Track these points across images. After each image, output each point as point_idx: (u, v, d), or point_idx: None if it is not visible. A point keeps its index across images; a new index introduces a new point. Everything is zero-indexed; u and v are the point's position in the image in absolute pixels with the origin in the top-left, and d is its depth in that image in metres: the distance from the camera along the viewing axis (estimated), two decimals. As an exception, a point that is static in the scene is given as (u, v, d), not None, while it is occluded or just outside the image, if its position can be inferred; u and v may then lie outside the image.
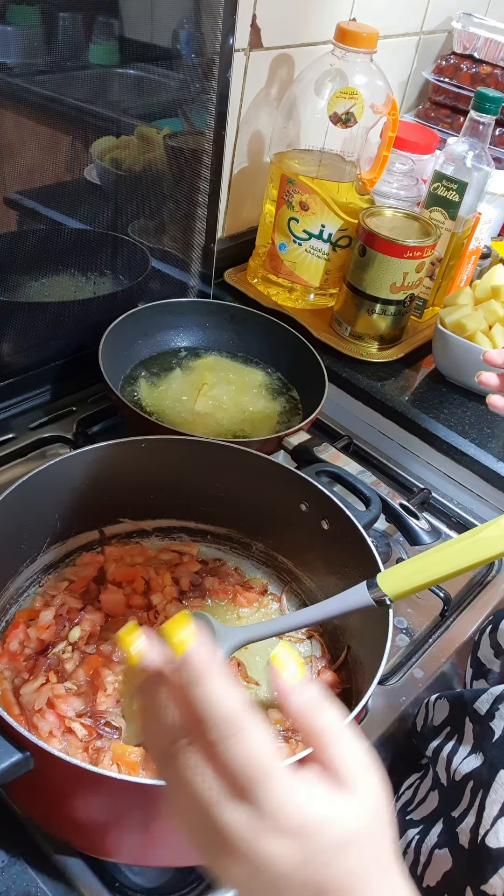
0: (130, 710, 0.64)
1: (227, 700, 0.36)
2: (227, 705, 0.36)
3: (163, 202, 1.06)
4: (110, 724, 0.64)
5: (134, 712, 0.63)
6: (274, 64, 1.15)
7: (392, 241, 1.05)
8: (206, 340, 1.10)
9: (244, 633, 0.60)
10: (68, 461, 0.72)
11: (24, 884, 0.59)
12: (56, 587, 0.75)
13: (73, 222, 0.97)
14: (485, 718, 0.61)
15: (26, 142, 0.86)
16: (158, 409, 0.97)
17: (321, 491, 0.73)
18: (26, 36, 0.78)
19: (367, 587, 0.55)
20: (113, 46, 0.87)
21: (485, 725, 0.61)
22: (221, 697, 0.36)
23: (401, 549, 0.93)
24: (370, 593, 0.54)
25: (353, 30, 1.02)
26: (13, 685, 0.66)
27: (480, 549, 0.52)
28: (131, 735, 0.63)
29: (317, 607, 0.59)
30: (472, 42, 1.45)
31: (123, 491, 0.78)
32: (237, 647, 0.60)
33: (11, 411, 0.96)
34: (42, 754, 0.49)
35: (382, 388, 1.10)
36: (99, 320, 0.97)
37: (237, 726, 0.36)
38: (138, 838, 0.55)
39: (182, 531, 0.84)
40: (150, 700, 0.39)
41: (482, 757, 0.59)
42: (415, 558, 0.54)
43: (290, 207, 1.13)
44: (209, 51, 0.95)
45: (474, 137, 1.10)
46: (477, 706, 0.62)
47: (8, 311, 0.93)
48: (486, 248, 1.32)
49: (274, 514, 0.78)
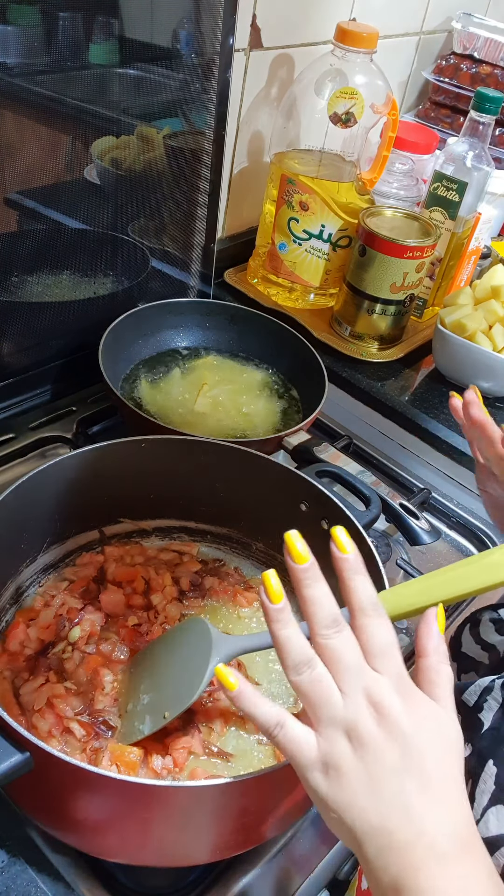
0: (126, 710, 0.65)
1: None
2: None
3: (163, 202, 1.06)
4: (107, 723, 0.64)
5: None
6: (274, 64, 1.15)
7: (392, 241, 1.05)
8: (206, 340, 1.10)
9: (241, 643, 0.60)
10: (68, 461, 0.72)
11: (24, 884, 0.59)
12: (56, 587, 0.75)
13: (73, 222, 0.97)
14: (473, 710, 0.61)
15: (26, 142, 0.86)
16: (158, 409, 0.97)
17: (321, 491, 0.73)
18: (26, 36, 0.78)
19: None
20: (113, 46, 0.87)
21: (473, 717, 0.61)
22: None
23: (401, 549, 0.93)
24: None
25: (353, 30, 1.02)
26: (13, 685, 0.66)
27: (485, 575, 0.52)
28: (126, 734, 0.63)
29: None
30: (472, 42, 1.45)
31: (123, 491, 0.78)
32: (233, 657, 0.60)
33: (11, 411, 0.96)
34: (42, 755, 0.49)
35: (382, 388, 1.10)
36: (99, 320, 0.97)
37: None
38: (138, 838, 0.55)
39: (182, 531, 0.84)
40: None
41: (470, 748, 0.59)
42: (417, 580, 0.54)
43: (290, 207, 1.13)
44: (209, 51, 0.95)
45: (474, 137, 1.10)
46: (465, 698, 0.62)
47: (8, 311, 0.93)
48: (486, 248, 1.33)
49: (274, 514, 0.78)
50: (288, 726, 0.44)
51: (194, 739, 0.63)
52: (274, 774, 0.50)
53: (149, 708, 0.62)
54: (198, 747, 0.63)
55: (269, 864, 0.64)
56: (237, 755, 0.64)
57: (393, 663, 0.44)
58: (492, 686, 0.60)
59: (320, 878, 0.65)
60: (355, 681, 0.43)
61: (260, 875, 0.63)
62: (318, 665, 0.44)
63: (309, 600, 0.45)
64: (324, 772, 0.43)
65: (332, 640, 0.44)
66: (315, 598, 0.44)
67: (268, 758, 0.65)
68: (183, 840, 0.56)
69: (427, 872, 0.39)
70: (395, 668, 0.44)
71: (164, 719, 0.60)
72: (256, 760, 0.64)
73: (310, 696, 0.44)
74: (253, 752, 0.65)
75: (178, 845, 0.57)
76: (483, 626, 0.72)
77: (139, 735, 0.61)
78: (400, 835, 0.40)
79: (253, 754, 0.65)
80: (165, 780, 0.61)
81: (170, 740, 0.63)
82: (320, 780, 0.43)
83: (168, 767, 0.61)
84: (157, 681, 0.64)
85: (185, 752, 0.62)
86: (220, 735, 0.65)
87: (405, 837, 0.40)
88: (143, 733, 0.61)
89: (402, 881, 0.40)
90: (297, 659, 0.44)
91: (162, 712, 0.60)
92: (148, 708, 0.62)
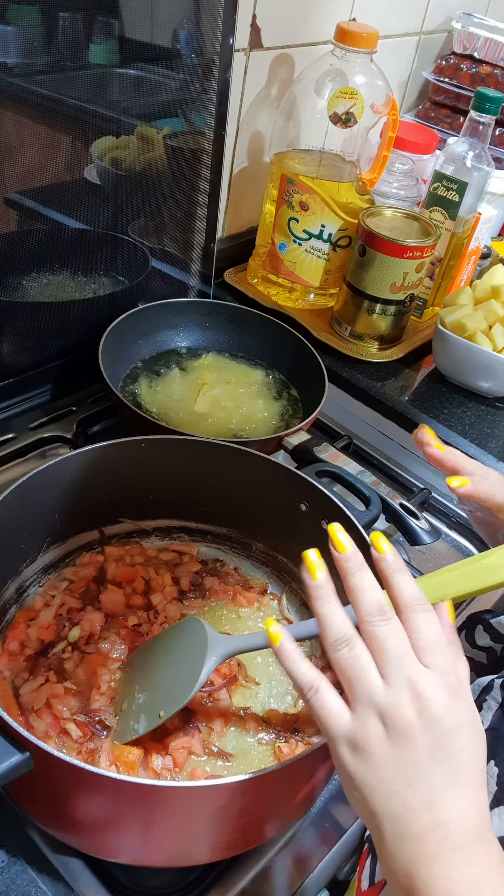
0: (122, 709, 0.64)
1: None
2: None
3: (163, 202, 1.06)
4: (103, 722, 0.64)
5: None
6: (274, 64, 1.15)
7: (392, 241, 1.05)
8: (206, 340, 1.10)
9: (236, 643, 0.60)
10: (68, 461, 0.72)
11: (24, 884, 0.59)
12: (56, 587, 0.75)
13: (73, 222, 0.97)
14: None
15: (26, 142, 0.86)
16: (158, 409, 0.97)
17: (321, 491, 0.73)
18: (26, 36, 0.78)
19: None
20: (113, 46, 0.87)
21: None
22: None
23: (401, 549, 0.93)
24: None
25: (353, 30, 1.02)
26: (13, 685, 0.66)
27: (482, 577, 0.52)
28: (121, 733, 0.63)
29: (311, 622, 0.59)
30: (472, 42, 1.45)
31: (123, 491, 0.78)
32: (228, 657, 0.60)
33: (11, 411, 0.96)
34: (42, 755, 0.49)
35: (382, 388, 1.10)
36: (99, 320, 0.97)
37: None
38: (138, 838, 0.55)
39: (182, 531, 0.84)
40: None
41: None
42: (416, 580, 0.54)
43: (290, 207, 1.13)
44: (209, 51, 0.95)
45: (474, 137, 1.10)
46: None
47: (8, 311, 0.93)
48: (486, 248, 1.32)
49: (274, 514, 0.78)
50: (322, 691, 0.45)
51: (194, 739, 0.63)
52: (274, 774, 0.50)
53: (144, 707, 0.62)
54: (197, 747, 0.63)
55: (269, 864, 0.64)
56: (237, 755, 0.64)
57: (443, 659, 0.44)
58: (491, 685, 0.60)
59: (320, 878, 0.66)
60: (399, 670, 0.43)
61: (260, 875, 0.63)
62: (357, 643, 0.44)
63: (354, 588, 0.46)
64: (352, 748, 0.43)
65: (379, 628, 0.44)
66: (360, 587, 0.46)
67: (268, 758, 0.65)
68: (183, 840, 0.56)
69: (441, 863, 0.40)
70: (446, 664, 0.44)
71: (160, 718, 0.60)
72: (256, 760, 0.64)
73: (347, 673, 0.44)
74: (253, 752, 0.65)
75: (178, 845, 0.57)
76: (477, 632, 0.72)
77: (134, 734, 0.61)
78: (418, 824, 0.41)
79: (253, 754, 0.65)
80: (165, 780, 0.61)
81: (169, 740, 0.63)
82: (347, 756, 0.43)
83: (168, 767, 0.61)
84: (153, 680, 0.64)
85: (184, 752, 0.62)
86: (220, 735, 0.65)
87: (423, 827, 0.41)
88: (139, 732, 0.61)
89: (414, 868, 0.40)
90: (336, 635, 0.45)
91: (157, 711, 0.60)
92: (143, 707, 0.62)
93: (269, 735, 0.66)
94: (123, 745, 0.61)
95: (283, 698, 0.70)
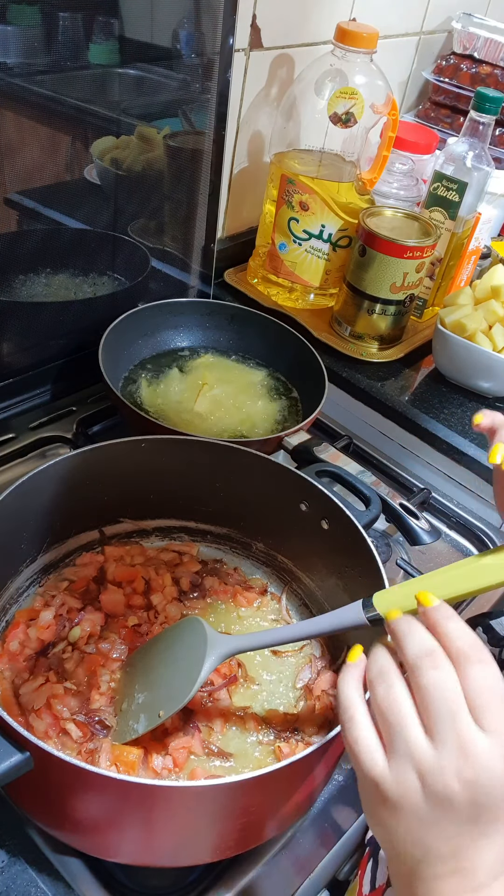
0: (122, 709, 0.64)
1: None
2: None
3: (163, 202, 1.06)
4: (102, 722, 0.64)
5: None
6: (274, 64, 1.15)
7: (392, 241, 1.05)
8: (206, 340, 1.10)
9: (235, 643, 0.60)
10: (68, 461, 0.72)
11: (24, 884, 0.59)
12: (56, 587, 0.75)
13: (73, 222, 0.97)
14: None
15: (26, 142, 0.86)
16: (158, 409, 0.97)
17: (321, 491, 0.73)
18: (26, 36, 0.78)
19: (362, 606, 0.55)
20: (113, 46, 0.87)
21: None
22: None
23: (401, 549, 0.93)
24: (365, 612, 0.54)
25: (353, 30, 1.02)
26: (13, 685, 0.66)
27: (481, 576, 0.52)
28: (121, 733, 0.63)
29: (311, 622, 0.59)
30: (472, 42, 1.45)
31: (123, 491, 0.78)
32: (227, 657, 0.60)
33: (11, 411, 0.96)
34: (42, 755, 0.49)
35: (382, 388, 1.10)
36: (99, 320, 0.97)
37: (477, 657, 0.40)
38: (138, 838, 0.55)
39: (182, 531, 0.84)
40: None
41: None
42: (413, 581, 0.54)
43: (290, 207, 1.13)
44: (209, 51, 0.95)
45: (474, 137, 1.10)
46: None
47: (8, 311, 0.93)
48: (486, 248, 1.32)
49: (274, 514, 0.78)
50: (356, 723, 0.41)
51: (194, 739, 0.63)
52: (274, 774, 0.50)
53: (144, 707, 0.62)
54: (198, 747, 0.63)
55: (269, 864, 0.64)
56: (237, 755, 0.64)
57: (502, 721, 0.39)
58: None
59: (320, 878, 0.65)
60: (449, 728, 0.38)
61: (260, 875, 0.63)
62: (395, 684, 0.40)
63: (396, 629, 0.43)
64: (381, 797, 0.40)
65: (427, 677, 0.40)
66: (404, 628, 0.42)
67: (268, 758, 0.65)
68: (183, 840, 0.56)
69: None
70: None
71: (159, 718, 0.60)
72: (256, 760, 0.64)
73: (385, 717, 0.40)
74: (253, 752, 0.65)
75: (178, 845, 0.57)
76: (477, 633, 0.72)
77: (133, 734, 0.61)
78: (441, 868, 0.39)
79: (253, 754, 0.65)
80: (165, 780, 0.61)
81: (169, 740, 0.63)
82: (375, 800, 0.40)
83: (168, 767, 0.61)
84: (153, 680, 0.64)
85: (184, 751, 0.62)
86: (220, 735, 0.65)
87: (446, 871, 0.39)
88: (138, 732, 0.61)
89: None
90: (374, 670, 0.42)
91: (157, 711, 0.60)
92: (143, 707, 0.62)
93: (269, 735, 0.66)
94: (123, 745, 0.61)
95: (283, 698, 0.70)
